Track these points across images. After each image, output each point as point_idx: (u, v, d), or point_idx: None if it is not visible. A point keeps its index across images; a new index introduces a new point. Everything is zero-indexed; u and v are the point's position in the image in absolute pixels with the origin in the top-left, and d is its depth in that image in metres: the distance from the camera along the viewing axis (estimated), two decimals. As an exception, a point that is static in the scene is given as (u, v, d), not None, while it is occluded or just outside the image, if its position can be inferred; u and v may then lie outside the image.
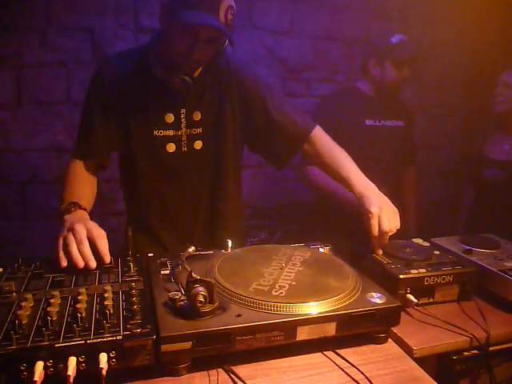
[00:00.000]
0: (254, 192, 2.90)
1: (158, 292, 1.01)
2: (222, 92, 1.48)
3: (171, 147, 1.45)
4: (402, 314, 1.08)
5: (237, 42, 1.36)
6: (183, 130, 1.45)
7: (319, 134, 1.52)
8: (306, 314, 0.95)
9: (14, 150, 2.50)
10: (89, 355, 0.81)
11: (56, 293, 0.95)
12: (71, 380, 0.77)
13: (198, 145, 1.48)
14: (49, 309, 0.88)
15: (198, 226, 1.58)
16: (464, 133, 3.15)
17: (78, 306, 0.90)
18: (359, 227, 1.34)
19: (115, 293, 0.98)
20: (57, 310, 0.90)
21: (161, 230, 1.57)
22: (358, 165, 1.44)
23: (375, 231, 1.28)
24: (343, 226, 1.83)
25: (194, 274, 0.95)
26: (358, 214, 1.36)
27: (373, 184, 1.39)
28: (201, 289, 0.92)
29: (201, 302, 0.90)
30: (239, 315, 0.93)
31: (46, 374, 0.78)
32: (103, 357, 0.80)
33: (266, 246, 1.31)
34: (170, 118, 1.43)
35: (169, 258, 1.18)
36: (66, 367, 0.78)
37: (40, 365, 0.78)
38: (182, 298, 0.94)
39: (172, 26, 1.30)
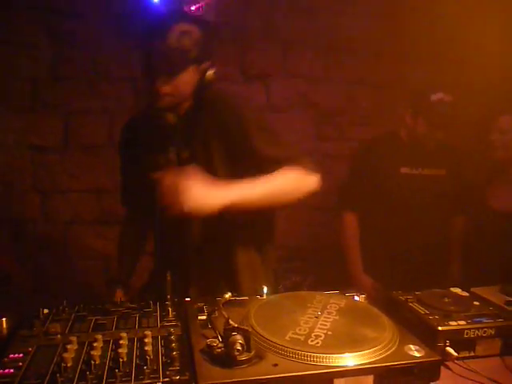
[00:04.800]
0: (288, 234, 2.91)
1: (196, 338, 1.02)
2: (210, 127, 1.45)
3: None
4: (442, 368, 1.06)
5: (272, 87, 1.40)
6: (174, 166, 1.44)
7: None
8: (343, 366, 0.94)
9: (59, 191, 2.63)
10: (129, 401, 0.83)
11: (99, 336, 0.99)
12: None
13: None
14: (92, 352, 0.92)
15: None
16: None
17: (119, 350, 0.93)
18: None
19: (154, 338, 1.00)
20: (99, 353, 0.93)
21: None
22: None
23: None
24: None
25: (231, 322, 0.96)
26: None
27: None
28: (238, 337, 0.93)
29: (238, 350, 0.91)
30: (276, 365, 0.93)
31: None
32: (143, 403, 0.82)
33: (301, 292, 1.31)
34: (162, 158, 1.46)
35: (205, 303, 1.20)
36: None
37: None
38: (220, 345, 0.96)
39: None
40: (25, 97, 2.54)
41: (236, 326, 0.95)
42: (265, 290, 1.24)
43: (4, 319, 1.04)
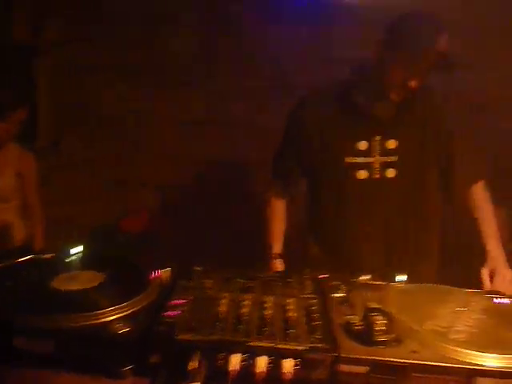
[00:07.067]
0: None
1: (335, 313, 1.07)
2: (421, 123, 1.54)
3: (362, 174, 1.53)
4: None
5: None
6: (376, 157, 1.52)
7: (480, 188, 1.54)
8: (486, 366, 0.91)
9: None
10: (275, 359, 0.90)
11: (248, 296, 1.09)
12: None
13: (391, 173, 1.53)
14: (242, 310, 1.02)
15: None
16: None
17: (265, 312, 1.01)
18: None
19: (297, 306, 1.07)
20: (248, 311, 1.02)
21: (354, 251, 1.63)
22: None
23: (486, 286, 1.36)
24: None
25: (373, 302, 0.99)
26: None
27: (501, 248, 1.43)
28: (380, 317, 0.96)
29: (380, 330, 0.94)
30: (415, 351, 0.94)
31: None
32: (289, 363, 0.89)
33: (441, 286, 1.28)
34: (363, 145, 1.52)
35: (342, 282, 1.24)
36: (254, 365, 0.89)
37: (237, 358, 0.90)
38: (359, 323, 0.99)
39: (391, 56, 1.40)
40: (178, 73, 2.78)
41: (378, 307, 0.98)
42: (404, 277, 1.24)
43: (169, 269, 1.21)
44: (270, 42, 2.63)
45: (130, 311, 1.02)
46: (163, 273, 1.22)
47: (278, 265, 1.66)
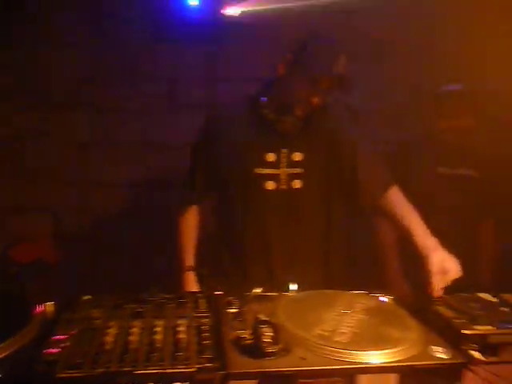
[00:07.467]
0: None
1: (226, 330, 1.07)
2: (325, 137, 1.61)
3: (270, 185, 1.58)
4: (466, 371, 1.07)
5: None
6: (283, 169, 1.58)
7: (395, 194, 1.59)
8: (368, 363, 0.97)
9: (94, 184, 2.74)
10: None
11: (136, 323, 1.05)
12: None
13: (298, 184, 1.59)
14: (130, 338, 0.98)
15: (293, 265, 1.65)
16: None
17: (155, 336, 0.99)
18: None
19: (188, 327, 1.06)
20: (137, 339, 0.99)
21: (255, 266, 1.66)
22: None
23: (435, 292, 1.32)
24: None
25: (260, 315, 1.01)
26: None
27: (435, 241, 1.42)
28: (267, 329, 0.98)
29: (267, 342, 0.96)
30: (303, 358, 0.97)
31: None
32: (177, 387, 0.87)
33: (328, 291, 1.35)
34: (271, 157, 1.58)
35: (236, 297, 1.25)
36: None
37: (122, 389, 0.86)
38: (249, 337, 1.00)
39: (295, 74, 1.51)
40: (64, 95, 2.65)
41: (266, 319, 1.00)
42: (294, 286, 1.29)
43: (51, 303, 1.13)
44: (159, 61, 2.63)
45: (2, 355, 0.93)
46: (47, 306, 1.14)
47: (191, 277, 1.70)
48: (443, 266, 1.34)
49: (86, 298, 1.20)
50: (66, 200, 2.82)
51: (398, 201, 1.58)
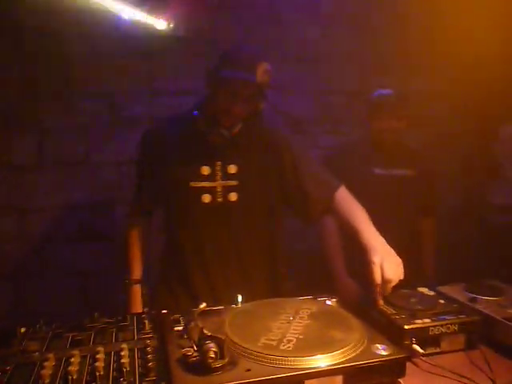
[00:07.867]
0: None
1: (172, 349, 1.06)
2: (260, 149, 1.62)
3: (207, 198, 1.57)
4: (409, 364, 1.11)
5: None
6: (219, 181, 1.57)
7: (342, 195, 1.60)
8: (313, 368, 0.99)
9: (34, 209, 2.63)
10: (107, 413, 0.85)
11: (76, 352, 1.01)
12: None
13: (234, 196, 1.59)
14: (69, 368, 0.94)
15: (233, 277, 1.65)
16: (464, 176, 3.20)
17: (96, 364, 0.95)
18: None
19: (131, 350, 1.03)
20: (77, 368, 0.95)
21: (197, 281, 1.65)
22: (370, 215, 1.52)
23: (377, 279, 1.32)
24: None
25: (205, 331, 1.00)
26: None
27: (381, 237, 1.44)
28: (211, 345, 0.97)
29: (211, 357, 0.95)
30: (248, 370, 0.97)
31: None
32: (120, 414, 0.85)
33: (274, 299, 1.36)
34: (206, 170, 1.57)
35: (182, 315, 1.24)
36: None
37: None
38: (195, 354, 0.99)
39: (215, 84, 1.52)
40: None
41: (210, 334, 0.99)
42: (239, 298, 1.29)
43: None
44: (101, 76, 2.57)
45: None
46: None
47: (136, 290, 1.71)
48: (384, 274, 1.32)
49: (21, 329, 1.14)
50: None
51: (345, 200, 1.59)
